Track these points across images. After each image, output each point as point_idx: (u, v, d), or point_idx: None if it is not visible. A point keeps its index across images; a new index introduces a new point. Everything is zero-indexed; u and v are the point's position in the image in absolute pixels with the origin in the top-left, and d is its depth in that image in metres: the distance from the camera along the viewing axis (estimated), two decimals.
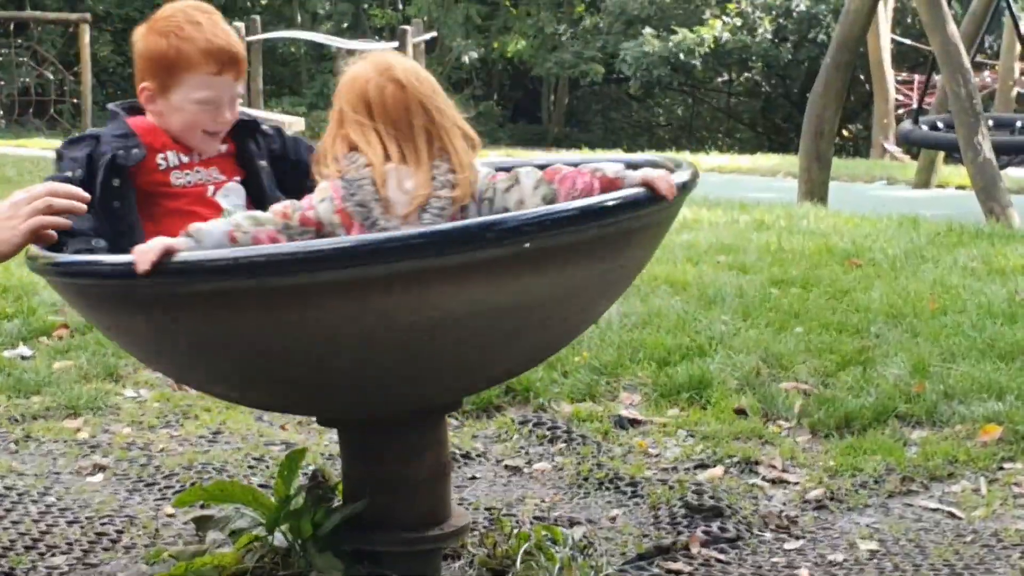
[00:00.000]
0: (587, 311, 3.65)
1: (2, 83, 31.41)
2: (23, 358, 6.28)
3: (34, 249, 3.50)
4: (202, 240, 3.29)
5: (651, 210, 3.38)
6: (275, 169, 3.94)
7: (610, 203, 3.28)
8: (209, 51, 3.75)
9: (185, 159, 3.79)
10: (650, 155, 4.30)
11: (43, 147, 22.33)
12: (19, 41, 31.64)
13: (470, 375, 3.57)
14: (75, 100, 30.95)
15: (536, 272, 3.23)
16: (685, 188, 3.50)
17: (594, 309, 3.71)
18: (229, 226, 3.34)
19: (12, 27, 32.04)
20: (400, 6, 41.64)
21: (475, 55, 38.13)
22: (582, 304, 3.52)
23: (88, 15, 30.27)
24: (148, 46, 3.79)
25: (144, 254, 3.13)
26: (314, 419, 5.51)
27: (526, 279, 3.23)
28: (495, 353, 3.44)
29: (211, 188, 3.78)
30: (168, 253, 3.15)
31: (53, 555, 4.17)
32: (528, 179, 3.44)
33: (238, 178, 3.85)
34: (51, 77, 31.62)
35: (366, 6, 42.05)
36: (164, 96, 3.77)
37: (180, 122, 3.78)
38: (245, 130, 3.93)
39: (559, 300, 3.37)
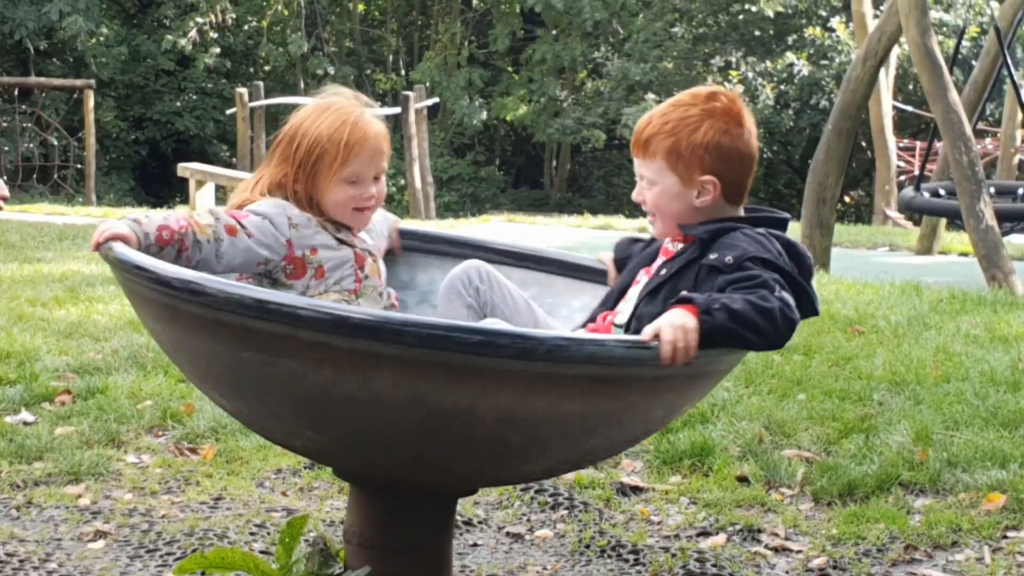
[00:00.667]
0: (645, 428, 3.71)
1: (6, 149, 31.52)
2: (25, 424, 6.28)
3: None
4: (140, 222, 3.64)
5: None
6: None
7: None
8: None
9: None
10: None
11: (47, 212, 22.37)
12: (23, 107, 31.78)
13: (509, 470, 3.59)
14: (79, 166, 31.08)
15: (620, 391, 3.38)
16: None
17: (647, 427, 3.77)
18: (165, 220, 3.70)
19: (16, 93, 32.19)
20: (403, 71, 41.84)
21: (483, 117, 38.26)
22: (641, 421, 3.59)
23: (92, 81, 30.42)
24: None
25: (96, 235, 3.55)
26: (315, 485, 5.51)
27: (604, 396, 3.36)
28: (546, 454, 3.49)
29: None
30: (114, 237, 3.53)
31: None
32: None
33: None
34: (55, 143, 31.75)
35: (369, 71, 42.25)
36: None
37: None
38: (696, 245, 3.91)
39: (619, 418, 3.44)
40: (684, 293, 3.47)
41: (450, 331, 3.15)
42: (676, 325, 3.34)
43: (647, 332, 3.34)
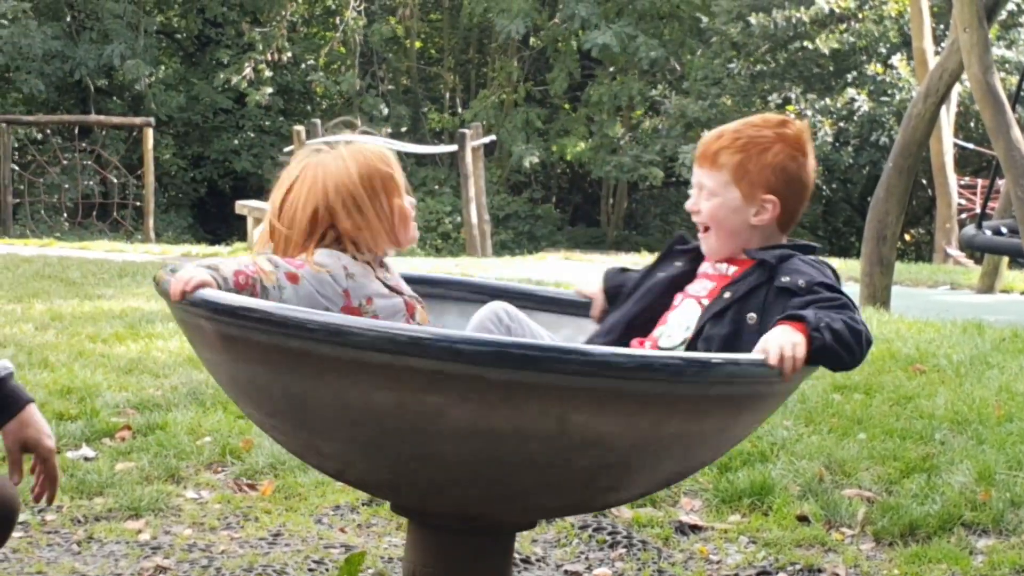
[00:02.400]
0: (729, 446, 3.73)
1: (66, 186, 31.80)
2: (86, 459, 6.31)
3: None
4: (218, 268, 3.69)
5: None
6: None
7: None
8: None
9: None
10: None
11: (106, 250, 22.55)
12: (83, 144, 32.06)
13: (573, 498, 3.58)
14: (138, 203, 31.31)
15: (738, 409, 3.45)
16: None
17: (730, 446, 3.76)
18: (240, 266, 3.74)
19: (77, 131, 32.50)
20: (459, 110, 41.98)
21: (535, 159, 38.33)
22: (731, 439, 3.59)
23: (152, 119, 30.67)
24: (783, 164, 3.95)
25: (178, 283, 3.55)
26: (374, 521, 5.50)
27: (719, 414, 3.42)
28: (629, 480, 3.48)
29: None
30: (201, 285, 3.55)
31: None
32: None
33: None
34: (114, 180, 32.01)
35: (425, 110, 42.41)
36: None
37: None
38: (758, 270, 3.94)
39: (722, 435, 3.46)
40: (792, 311, 3.54)
41: (606, 356, 3.20)
42: (790, 342, 3.42)
43: (760, 349, 3.42)
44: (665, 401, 3.29)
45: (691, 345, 3.83)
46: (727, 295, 3.85)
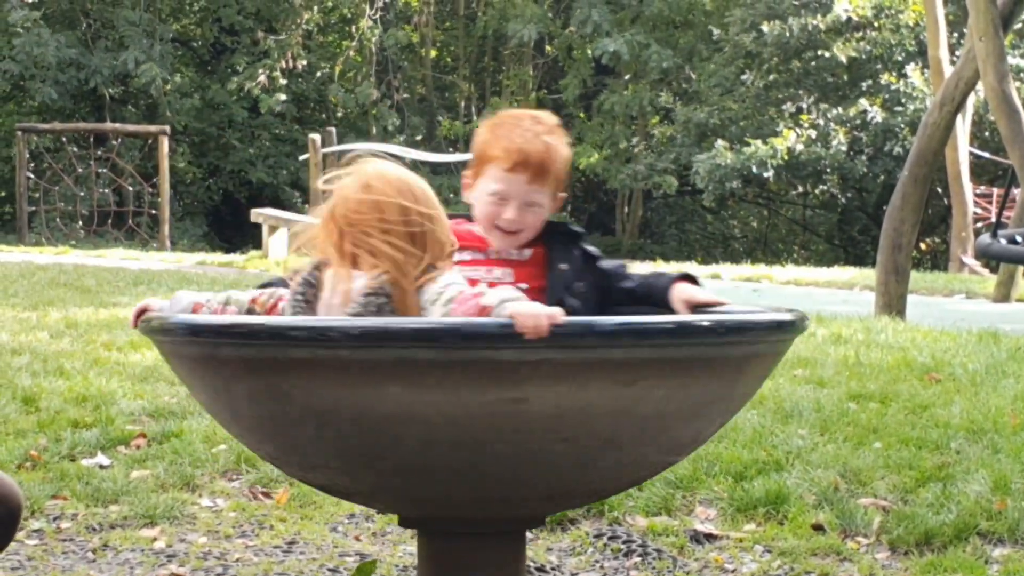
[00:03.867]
0: (683, 435, 3.67)
1: (82, 194, 31.86)
2: (101, 467, 6.32)
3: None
4: (174, 302, 3.73)
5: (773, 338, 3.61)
6: (594, 281, 4.14)
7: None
8: (509, 148, 3.98)
9: (479, 256, 4.03)
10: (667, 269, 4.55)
11: (122, 258, 22.59)
12: (99, 152, 32.12)
13: (559, 482, 3.57)
14: (152, 211, 31.37)
15: (648, 381, 3.35)
16: (793, 328, 3.69)
17: (689, 435, 3.71)
18: (200, 299, 3.74)
19: (92, 139, 32.56)
20: (474, 118, 41.99)
21: None
22: (680, 426, 3.56)
23: (167, 127, 30.73)
24: (476, 136, 4.12)
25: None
26: (389, 529, 5.51)
27: (638, 386, 3.34)
28: (589, 461, 3.46)
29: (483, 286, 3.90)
30: (143, 310, 3.67)
31: None
32: (440, 303, 3.53)
33: (524, 285, 3.91)
34: (130, 188, 32.06)
35: (440, 119, 42.45)
36: (473, 186, 4.06)
37: (478, 212, 4.05)
38: (560, 239, 4.14)
39: (662, 416, 3.42)
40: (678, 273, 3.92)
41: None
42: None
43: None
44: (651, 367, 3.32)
45: None
46: (563, 267, 4.07)
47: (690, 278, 3.90)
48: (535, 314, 3.20)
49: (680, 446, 3.69)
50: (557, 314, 3.20)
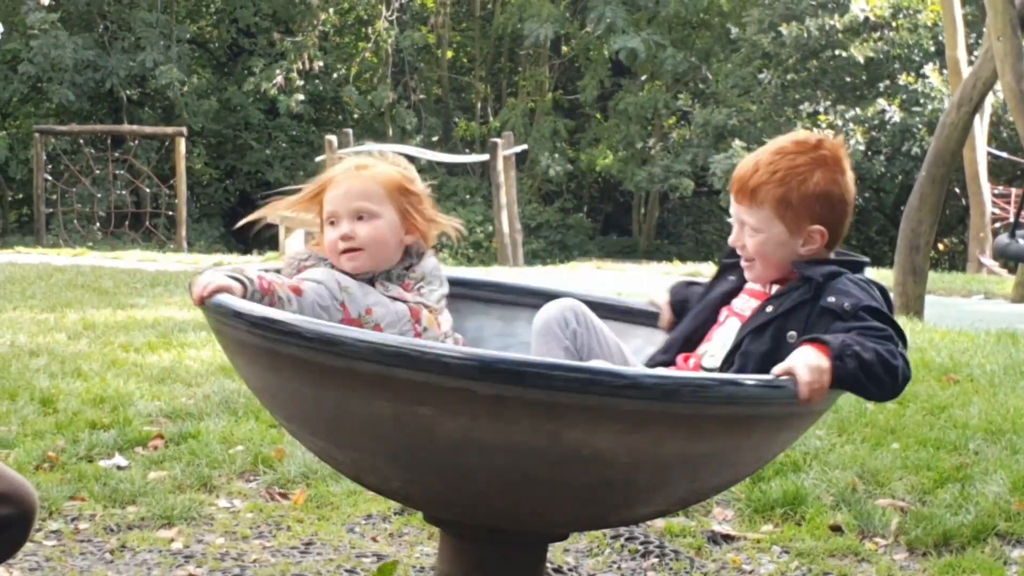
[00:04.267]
0: (756, 465, 3.68)
1: (99, 196, 31.90)
2: (119, 468, 6.32)
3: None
4: (243, 271, 3.72)
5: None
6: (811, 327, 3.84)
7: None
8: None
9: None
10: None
11: (139, 259, 22.62)
12: (116, 154, 32.17)
13: (619, 513, 3.57)
14: (170, 212, 31.41)
15: (749, 430, 3.38)
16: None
17: (758, 465, 3.72)
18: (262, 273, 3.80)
19: (109, 141, 32.61)
20: (490, 119, 41.98)
21: (559, 169, 38.30)
22: (755, 459, 3.57)
23: (184, 129, 30.78)
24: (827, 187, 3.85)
25: (197, 287, 3.62)
26: (406, 530, 5.50)
27: (733, 435, 3.36)
28: (636, 498, 3.46)
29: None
30: (219, 290, 3.60)
31: None
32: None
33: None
34: (147, 190, 32.11)
35: (456, 120, 42.45)
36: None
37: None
38: (804, 286, 3.84)
39: (741, 456, 3.46)
40: (817, 334, 3.45)
41: (595, 374, 3.14)
42: (812, 366, 3.32)
43: (779, 370, 3.33)
44: (661, 420, 3.22)
45: (728, 359, 3.79)
46: (768, 309, 3.79)
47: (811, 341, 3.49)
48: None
49: (716, 488, 3.73)
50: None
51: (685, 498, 3.69)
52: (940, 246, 36.28)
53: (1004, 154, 30.57)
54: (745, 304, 3.92)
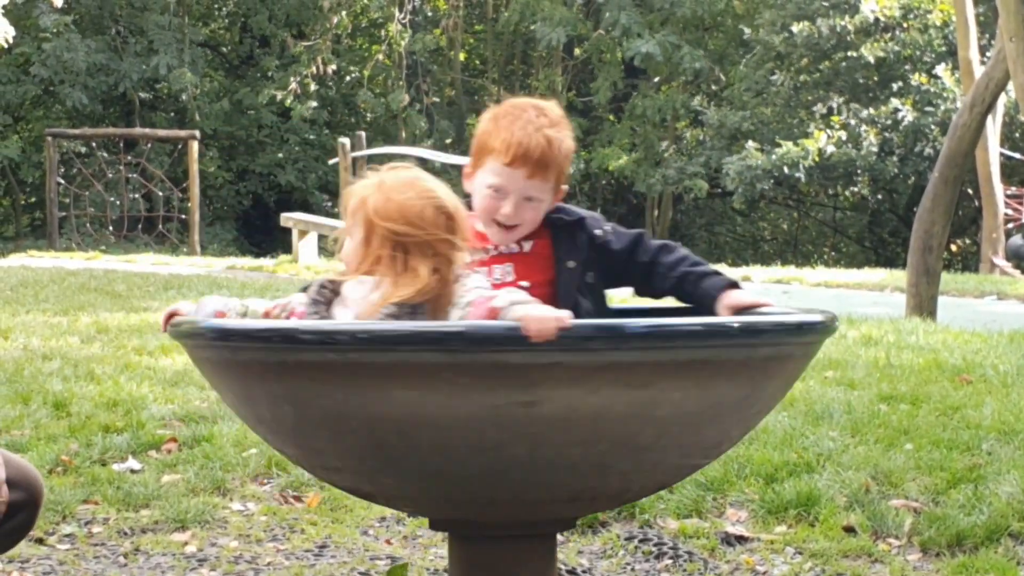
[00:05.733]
0: (705, 439, 3.63)
1: (112, 199, 31.94)
2: (132, 471, 6.33)
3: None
4: (200, 307, 3.72)
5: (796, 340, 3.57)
6: (604, 268, 4.09)
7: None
8: (509, 141, 3.92)
9: (477, 255, 3.89)
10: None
11: (152, 263, 22.65)
12: (128, 158, 32.22)
13: (579, 485, 3.55)
14: (183, 216, 31.44)
15: (663, 383, 3.32)
16: (816, 329, 3.64)
17: (711, 439, 3.67)
18: (222, 306, 3.73)
19: (122, 144, 32.66)
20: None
21: (573, 171, 38.25)
22: (700, 430, 3.53)
23: (196, 132, 30.81)
24: (478, 125, 4.06)
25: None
26: (419, 533, 5.51)
27: (653, 389, 3.31)
28: (607, 464, 3.44)
29: None
30: (173, 314, 3.69)
31: None
32: (459, 306, 3.53)
33: (526, 283, 3.88)
34: (159, 193, 32.15)
35: (469, 122, 42.47)
36: (472, 176, 4.02)
37: (476, 205, 3.99)
38: (564, 229, 4.08)
39: (680, 419, 3.39)
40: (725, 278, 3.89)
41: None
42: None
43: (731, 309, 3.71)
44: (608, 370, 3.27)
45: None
46: (571, 264, 4.02)
47: (734, 285, 3.86)
48: (542, 318, 3.19)
49: (704, 449, 3.67)
50: (565, 317, 3.18)
51: (679, 463, 3.68)
52: (953, 247, 36.24)
53: (1017, 155, 30.55)
54: (504, 273, 4.01)
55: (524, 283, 3.87)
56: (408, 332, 3.23)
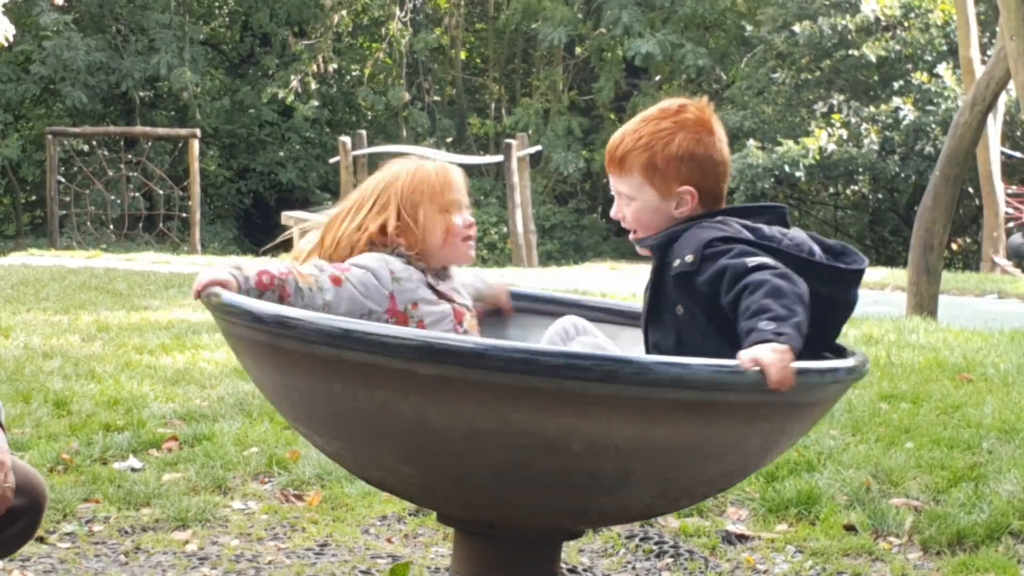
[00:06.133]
0: (743, 462, 3.64)
1: (112, 198, 31.93)
2: (133, 470, 6.33)
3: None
4: (241, 268, 3.77)
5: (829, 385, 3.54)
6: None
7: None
8: None
9: None
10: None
11: (153, 261, 22.64)
12: (129, 156, 32.20)
13: (605, 506, 3.56)
14: (183, 214, 31.43)
15: (708, 418, 3.34)
16: (851, 374, 3.59)
17: (746, 462, 3.68)
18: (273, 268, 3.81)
19: (123, 143, 32.64)
20: (504, 119, 41.94)
21: (580, 165, 38.26)
22: (736, 453, 3.54)
23: (197, 131, 30.78)
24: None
25: (196, 282, 3.70)
26: (420, 531, 5.51)
27: (691, 422, 3.33)
28: (640, 486, 3.46)
29: None
30: (214, 283, 3.67)
31: None
32: None
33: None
34: (160, 192, 32.13)
35: (470, 121, 42.44)
36: None
37: None
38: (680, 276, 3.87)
39: (709, 448, 3.42)
40: (759, 333, 3.40)
41: (533, 354, 3.19)
42: (775, 349, 3.32)
43: (744, 357, 3.31)
44: (605, 404, 3.26)
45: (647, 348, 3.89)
46: (648, 294, 3.87)
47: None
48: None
49: (728, 476, 3.71)
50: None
51: (667, 494, 3.64)
52: (954, 246, 36.19)
53: (1018, 154, 30.52)
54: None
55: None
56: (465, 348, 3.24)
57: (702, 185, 3.86)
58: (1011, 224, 27.24)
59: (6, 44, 24.64)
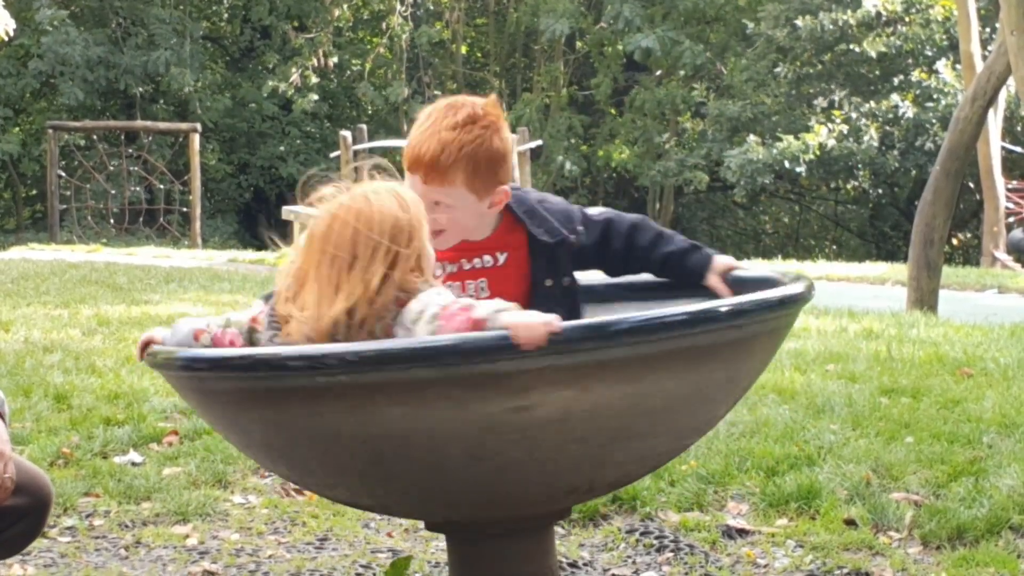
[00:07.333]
0: (697, 420, 3.63)
1: (112, 192, 31.93)
2: (133, 464, 6.33)
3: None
4: (175, 331, 3.70)
5: (772, 316, 3.53)
6: (579, 264, 4.18)
7: (723, 308, 3.40)
8: (409, 145, 3.94)
9: (451, 269, 3.99)
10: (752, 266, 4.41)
11: (153, 255, 22.64)
12: (129, 150, 32.20)
13: (577, 479, 3.55)
14: (184, 209, 31.44)
15: (655, 374, 3.31)
16: (797, 301, 3.64)
17: (703, 418, 3.68)
18: (200, 324, 3.67)
19: (123, 137, 32.64)
20: (505, 114, 41.89)
21: (573, 166, 38.23)
22: (693, 412, 3.52)
23: (197, 125, 30.77)
24: None
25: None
26: (420, 526, 5.51)
27: (646, 381, 3.30)
28: (604, 457, 3.44)
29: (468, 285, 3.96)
30: (148, 342, 3.67)
31: None
32: (423, 321, 3.38)
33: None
34: (160, 186, 32.14)
35: None
36: None
37: None
38: (543, 247, 4.10)
39: (673, 406, 3.39)
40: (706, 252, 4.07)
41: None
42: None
43: (720, 266, 3.94)
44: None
45: None
46: (549, 283, 4.06)
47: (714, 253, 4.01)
48: (531, 324, 3.16)
49: (696, 428, 3.70)
50: (553, 321, 3.16)
51: (673, 446, 3.70)
52: (954, 241, 36.23)
53: (1018, 149, 30.52)
54: (479, 285, 4.02)
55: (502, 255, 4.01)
56: (399, 350, 3.20)
57: (507, 177, 3.99)
58: (1011, 219, 27.23)
59: (6, 38, 24.62)
